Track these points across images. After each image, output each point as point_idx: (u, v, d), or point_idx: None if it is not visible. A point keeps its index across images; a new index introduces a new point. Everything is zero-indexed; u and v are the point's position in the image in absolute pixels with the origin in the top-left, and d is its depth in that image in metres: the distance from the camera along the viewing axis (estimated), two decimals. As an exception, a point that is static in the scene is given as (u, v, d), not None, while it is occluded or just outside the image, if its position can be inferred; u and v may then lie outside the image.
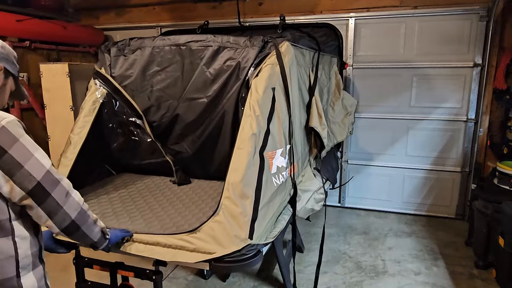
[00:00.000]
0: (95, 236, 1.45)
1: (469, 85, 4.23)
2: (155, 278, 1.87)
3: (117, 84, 2.63)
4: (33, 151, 1.25)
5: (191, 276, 3.30)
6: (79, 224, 1.35)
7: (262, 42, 2.31)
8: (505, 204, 3.02)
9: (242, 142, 2.01)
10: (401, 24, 4.33)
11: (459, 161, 4.44)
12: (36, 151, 1.26)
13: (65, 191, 1.29)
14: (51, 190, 1.25)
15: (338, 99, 3.77)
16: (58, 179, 1.28)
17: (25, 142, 1.24)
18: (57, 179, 1.28)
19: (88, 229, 1.40)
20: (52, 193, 1.25)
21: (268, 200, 2.05)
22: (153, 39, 2.64)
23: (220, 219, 1.84)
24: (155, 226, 1.99)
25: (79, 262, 2.04)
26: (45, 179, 1.24)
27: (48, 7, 4.59)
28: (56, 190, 1.26)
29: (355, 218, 4.64)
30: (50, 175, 1.26)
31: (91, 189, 2.50)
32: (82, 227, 1.37)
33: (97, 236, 1.47)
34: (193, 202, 2.30)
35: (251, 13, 4.79)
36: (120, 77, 2.65)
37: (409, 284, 3.18)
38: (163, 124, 2.61)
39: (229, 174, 1.94)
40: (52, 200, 1.25)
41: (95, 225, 1.44)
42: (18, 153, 1.20)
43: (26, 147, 1.23)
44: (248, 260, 1.79)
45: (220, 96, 2.43)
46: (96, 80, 2.64)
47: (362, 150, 4.79)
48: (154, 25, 5.24)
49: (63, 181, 1.30)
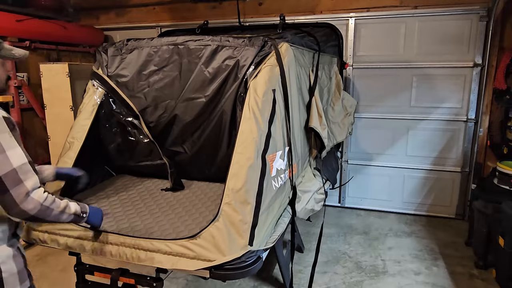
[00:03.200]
0: (65, 220, 1.57)
1: (469, 85, 4.22)
2: (156, 285, 1.88)
3: (114, 83, 2.60)
4: (6, 148, 1.34)
5: (191, 276, 3.30)
6: (41, 217, 1.45)
7: (262, 42, 2.30)
8: (505, 204, 3.02)
9: (242, 147, 1.98)
10: (401, 24, 4.33)
11: (459, 161, 4.43)
12: (10, 149, 1.35)
13: (26, 191, 1.37)
14: (10, 187, 1.34)
15: (338, 99, 3.77)
16: (22, 179, 1.36)
17: (1, 139, 1.33)
18: (20, 179, 1.36)
19: (55, 218, 1.52)
20: (11, 190, 1.34)
21: (268, 204, 2.04)
22: (151, 39, 2.62)
23: (220, 226, 1.82)
24: (156, 232, 1.97)
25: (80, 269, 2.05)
26: (7, 176, 1.33)
27: (48, 7, 4.59)
28: (15, 189, 1.34)
29: (355, 218, 4.64)
30: (14, 173, 1.34)
31: (91, 192, 2.47)
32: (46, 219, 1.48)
33: (68, 219, 1.59)
34: (193, 205, 2.28)
35: (251, 13, 4.79)
36: (116, 76, 2.62)
37: (409, 284, 3.18)
38: (161, 124, 2.56)
39: (229, 179, 1.91)
40: (9, 196, 1.34)
41: (62, 214, 1.53)
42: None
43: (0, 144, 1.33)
44: (249, 267, 1.79)
45: (219, 96, 2.40)
46: (93, 81, 2.61)
47: (362, 150, 4.79)
48: (154, 25, 5.24)
49: (28, 181, 1.38)
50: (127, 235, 1.93)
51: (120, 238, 1.91)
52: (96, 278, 2.06)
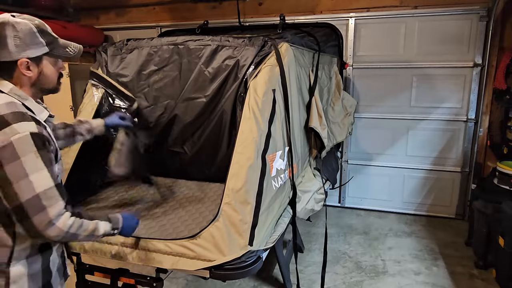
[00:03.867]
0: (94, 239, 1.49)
1: (469, 85, 4.22)
2: (156, 285, 1.87)
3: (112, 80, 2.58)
4: (30, 172, 1.22)
5: (191, 276, 3.30)
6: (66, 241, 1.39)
7: (262, 42, 2.30)
8: (505, 204, 3.02)
9: (242, 146, 1.97)
10: (401, 24, 4.32)
11: (459, 161, 4.43)
12: (35, 172, 1.23)
13: (48, 219, 1.26)
14: (32, 215, 1.23)
15: (338, 99, 3.77)
16: (45, 205, 1.25)
17: (26, 161, 1.22)
18: (44, 205, 1.25)
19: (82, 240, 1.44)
20: (33, 218, 1.24)
21: (268, 204, 2.04)
22: (151, 39, 2.61)
23: (220, 226, 1.82)
24: (156, 232, 1.97)
25: (80, 269, 2.04)
26: (29, 203, 1.23)
27: (48, 7, 4.59)
28: (37, 216, 1.24)
29: (355, 218, 4.64)
30: (37, 200, 1.23)
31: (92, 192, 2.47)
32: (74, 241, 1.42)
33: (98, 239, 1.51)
34: (193, 206, 2.27)
35: (251, 13, 4.79)
36: (116, 76, 2.61)
37: (409, 284, 3.18)
38: (161, 124, 2.55)
39: (229, 179, 1.91)
40: (31, 224, 1.24)
41: (90, 237, 1.43)
42: (12, 172, 1.21)
43: (23, 167, 1.22)
44: (249, 267, 1.79)
45: (219, 96, 2.40)
46: (92, 80, 2.60)
47: (362, 150, 4.79)
48: (154, 25, 5.23)
49: (52, 209, 1.27)
50: (127, 235, 1.93)
51: (120, 238, 1.90)
52: (96, 278, 2.06)
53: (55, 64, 1.44)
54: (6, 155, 1.20)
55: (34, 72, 1.36)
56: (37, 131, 1.27)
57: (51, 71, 1.43)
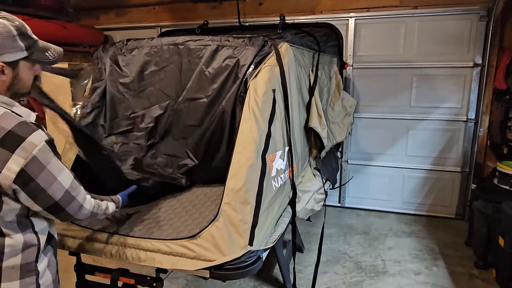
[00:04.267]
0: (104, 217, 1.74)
1: (469, 85, 4.22)
2: (156, 285, 1.88)
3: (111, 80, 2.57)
4: (57, 174, 1.34)
5: (191, 276, 3.30)
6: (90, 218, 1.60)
7: (262, 42, 2.29)
8: (505, 204, 3.02)
9: (242, 146, 1.97)
10: (401, 24, 4.33)
11: (459, 161, 4.43)
12: (60, 173, 1.36)
13: (79, 205, 1.45)
14: (66, 206, 1.40)
15: (338, 99, 3.77)
16: (75, 195, 1.42)
17: (51, 167, 1.32)
18: (73, 196, 1.42)
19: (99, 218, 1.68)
20: (67, 208, 1.41)
21: (268, 204, 2.03)
22: (151, 39, 2.61)
23: (220, 226, 1.82)
24: (156, 232, 1.97)
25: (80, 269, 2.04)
26: (63, 199, 1.37)
27: (48, 7, 4.58)
28: (70, 206, 1.41)
29: (355, 218, 4.64)
30: (68, 194, 1.39)
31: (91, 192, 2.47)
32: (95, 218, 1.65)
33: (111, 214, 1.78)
34: (193, 205, 2.27)
35: (251, 13, 4.79)
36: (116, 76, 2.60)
37: (409, 284, 3.18)
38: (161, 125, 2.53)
39: (229, 179, 1.91)
40: (66, 213, 1.42)
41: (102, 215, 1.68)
42: (43, 181, 1.30)
43: (51, 174, 1.32)
44: (249, 267, 1.78)
45: (220, 96, 2.38)
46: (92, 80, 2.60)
47: (362, 150, 4.79)
48: (154, 25, 5.23)
49: (79, 196, 1.45)
50: (127, 235, 1.94)
51: (120, 238, 1.92)
52: (96, 278, 2.06)
53: (31, 67, 1.40)
54: (34, 169, 1.26)
55: (8, 76, 1.30)
56: (47, 137, 1.32)
57: (27, 75, 1.38)
